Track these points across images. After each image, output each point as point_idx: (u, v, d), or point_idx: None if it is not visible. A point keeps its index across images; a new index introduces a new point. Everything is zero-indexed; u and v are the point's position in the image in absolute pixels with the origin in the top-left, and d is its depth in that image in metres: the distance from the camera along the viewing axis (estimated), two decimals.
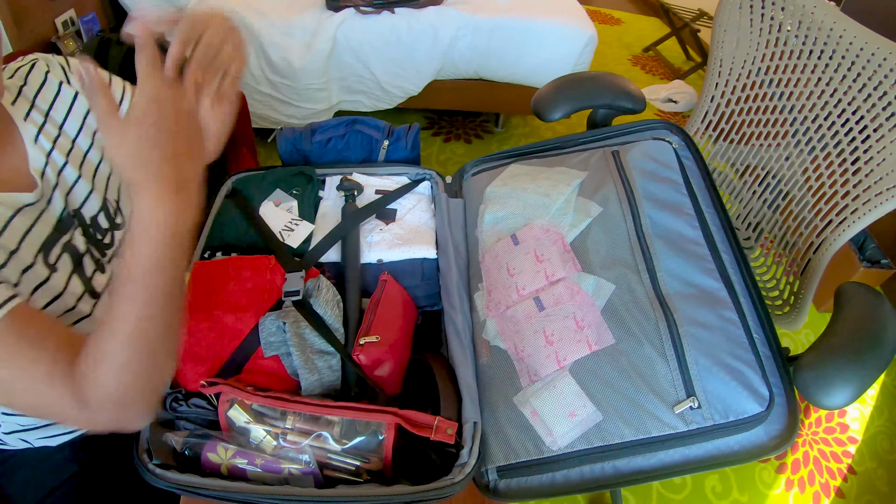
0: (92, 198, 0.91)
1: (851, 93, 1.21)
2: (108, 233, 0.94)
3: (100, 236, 0.92)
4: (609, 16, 5.20)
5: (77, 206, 0.88)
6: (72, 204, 0.87)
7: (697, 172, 1.19)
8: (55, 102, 0.89)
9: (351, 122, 1.44)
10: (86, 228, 0.89)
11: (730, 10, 1.45)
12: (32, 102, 0.86)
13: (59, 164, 0.86)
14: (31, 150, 0.83)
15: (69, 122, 0.90)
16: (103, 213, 0.93)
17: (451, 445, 0.91)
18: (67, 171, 0.87)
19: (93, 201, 0.91)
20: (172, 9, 2.68)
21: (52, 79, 0.90)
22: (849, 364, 0.93)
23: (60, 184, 0.85)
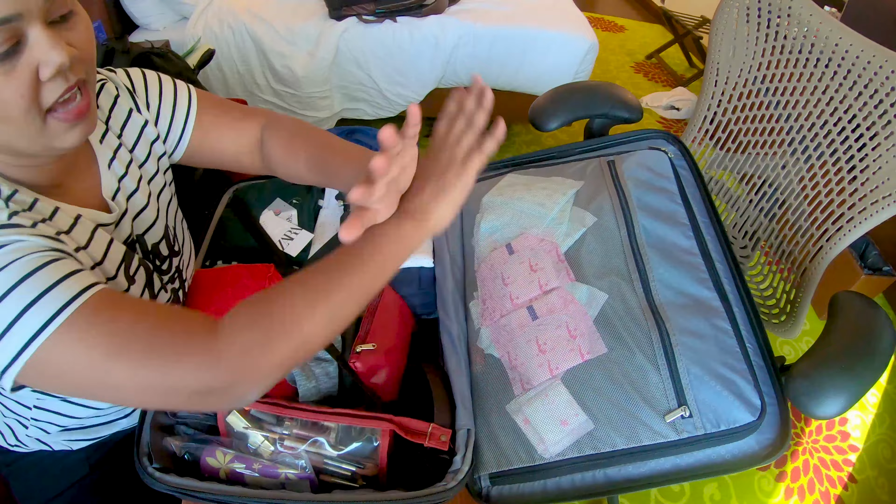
0: (156, 225, 0.91)
1: (848, 101, 1.21)
2: (167, 260, 0.94)
3: (159, 262, 0.92)
4: (612, 23, 5.21)
5: (141, 231, 0.88)
6: (136, 229, 0.87)
7: (693, 182, 1.20)
8: (125, 127, 0.87)
9: (350, 131, 1.46)
10: (146, 254, 0.89)
11: (726, 18, 1.45)
12: (106, 125, 0.85)
13: (130, 190, 0.86)
14: (105, 174, 0.83)
15: (139, 148, 0.89)
16: (164, 241, 0.93)
17: (445, 452, 0.92)
18: (137, 197, 0.87)
19: (157, 228, 0.91)
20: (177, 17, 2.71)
21: (121, 103, 0.87)
22: (841, 373, 0.93)
23: (129, 209, 0.86)
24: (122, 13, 2.68)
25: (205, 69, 2.53)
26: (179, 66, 1.81)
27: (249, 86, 2.74)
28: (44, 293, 0.58)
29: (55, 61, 0.61)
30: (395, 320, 1.09)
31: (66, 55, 0.62)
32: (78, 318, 0.59)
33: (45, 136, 0.66)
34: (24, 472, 0.99)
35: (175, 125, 0.92)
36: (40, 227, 0.65)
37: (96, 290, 0.62)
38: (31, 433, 0.92)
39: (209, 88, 2.31)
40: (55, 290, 0.59)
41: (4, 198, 0.65)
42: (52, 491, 1.00)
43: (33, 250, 0.61)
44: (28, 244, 0.61)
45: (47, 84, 0.63)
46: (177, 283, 0.96)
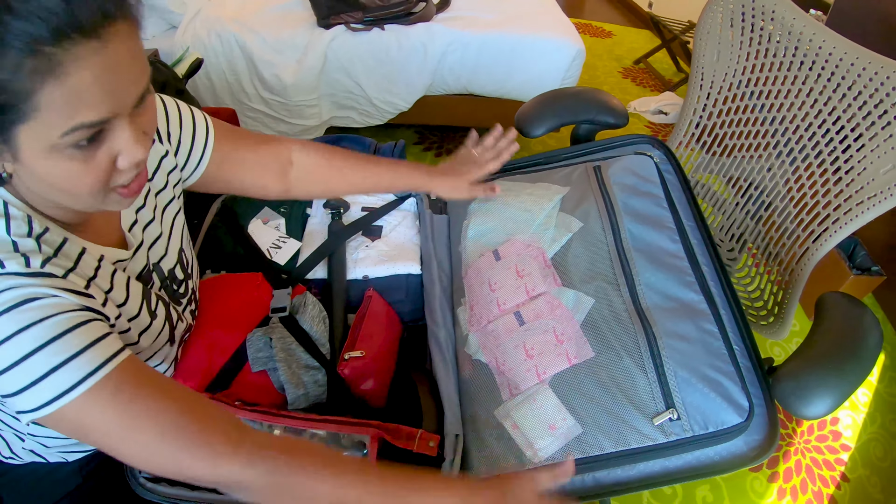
0: (170, 251, 0.92)
1: (832, 103, 1.22)
2: (183, 283, 0.96)
3: (175, 286, 0.93)
4: (600, 29, 5.23)
5: (156, 260, 0.89)
6: (152, 258, 0.88)
7: (678, 186, 1.21)
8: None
9: (337, 139, 1.46)
10: (163, 280, 0.90)
11: (711, 22, 1.46)
12: None
13: (147, 220, 0.87)
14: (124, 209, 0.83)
15: (157, 177, 0.90)
16: (178, 266, 0.94)
17: (434, 458, 0.92)
18: (153, 228, 0.88)
19: (171, 255, 0.92)
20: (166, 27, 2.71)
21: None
22: (828, 373, 0.93)
23: (145, 240, 0.86)
24: None
25: (193, 78, 2.53)
26: (167, 76, 1.81)
27: (238, 94, 2.73)
28: (73, 356, 0.62)
29: (137, 157, 0.64)
30: (383, 327, 1.09)
31: (146, 150, 0.65)
32: (102, 388, 0.63)
33: (102, 205, 0.68)
34: (16, 483, 0.99)
35: (194, 154, 0.94)
36: (71, 279, 0.68)
37: (121, 358, 0.66)
38: (27, 446, 0.92)
39: (198, 98, 2.31)
40: (84, 354, 0.62)
41: (36, 236, 0.67)
42: (45, 502, 0.99)
43: (66, 309, 0.63)
44: (61, 302, 0.64)
45: (121, 171, 0.65)
46: (193, 304, 0.99)
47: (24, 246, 0.65)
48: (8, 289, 0.61)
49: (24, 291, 0.61)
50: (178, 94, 1.82)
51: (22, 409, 0.62)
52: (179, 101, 0.93)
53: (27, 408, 0.62)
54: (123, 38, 0.59)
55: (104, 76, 0.57)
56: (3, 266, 0.62)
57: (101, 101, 0.58)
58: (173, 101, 0.93)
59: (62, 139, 0.58)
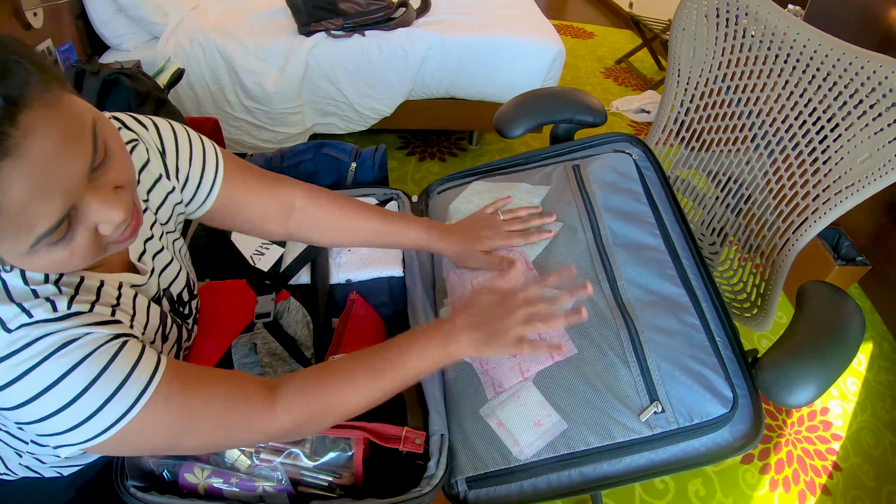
0: (179, 275, 0.92)
1: (808, 94, 1.24)
2: (188, 304, 0.96)
3: (182, 308, 0.93)
4: (581, 30, 5.26)
5: (167, 284, 0.89)
6: (162, 284, 0.88)
7: (658, 182, 1.22)
8: (152, 190, 0.85)
9: (318, 145, 1.46)
10: (172, 304, 0.90)
11: (686, 19, 1.47)
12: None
13: (156, 250, 0.86)
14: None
15: (163, 210, 0.88)
16: (186, 289, 0.95)
17: (420, 457, 0.92)
18: (163, 255, 0.88)
19: (180, 279, 0.93)
20: (148, 37, 2.71)
21: (151, 168, 0.84)
22: (810, 361, 0.94)
23: (156, 267, 0.86)
24: (92, 34, 2.67)
25: (176, 88, 2.53)
26: (149, 86, 1.81)
27: (221, 104, 2.73)
28: (124, 382, 0.64)
29: (118, 219, 0.62)
30: (367, 330, 1.09)
31: (123, 210, 0.62)
32: (156, 400, 0.67)
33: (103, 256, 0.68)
34: (10, 498, 0.98)
35: (200, 192, 0.91)
36: (97, 311, 0.68)
37: (163, 367, 0.69)
38: (24, 462, 0.92)
39: (181, 108, 2.31)
40: (133, 376, 0.65)
41: (53, 281, 0.67)
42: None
43: (103, 341, 0.64)
44: (96, 337, 0.64)
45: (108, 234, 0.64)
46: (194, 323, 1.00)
47: (44, 292, 0.65)
48: (43, 336, 0.61)
49: (59, 336, 0.62)
50: (159, 104, 1.82)
51: (73, 441, 0.64)
52: (192, 132, 0.91)
53: (81, 439, 0.64)
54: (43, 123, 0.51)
55: (37, 184, 0.52)
56: (31, 315, 0.61)
57: (48, 205, 0.54)
58: (185, 131, 0.90)
59: (33, 249, 0.57)
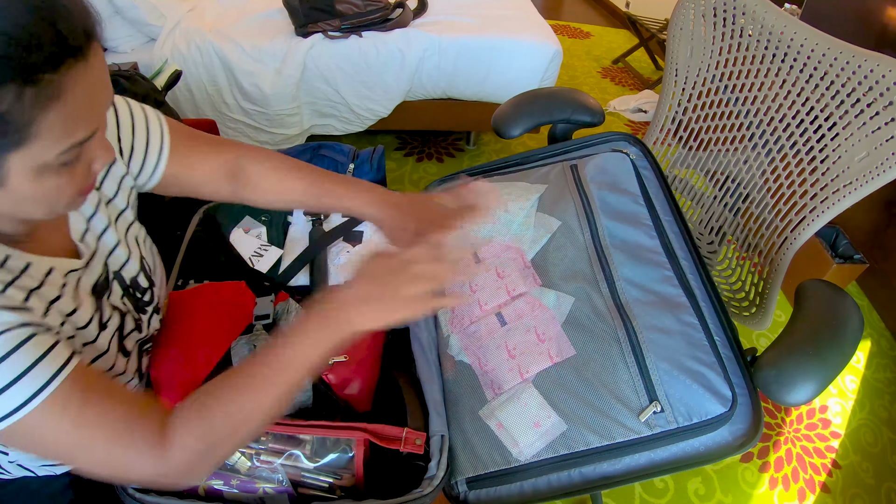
0: (132, 259, 0.91)
1: (805, 93, 1.24)
2: (147, 291, 0.94)
3: (139, 295, 0.92)
4: (578, 30, 5.26)
5: (117, 268, 0.88)
6: (112, 266, 0.87)
7: (655, 182, 1.22)
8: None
9: (316, 147, 1.46)
10: (126, 289, 0.89)
11: (683, 19, 1.48)
12: None
13: (100, 229, 0.85)
14: (73, 216, 0.82)
15: (107, 184, 0.88)
16: (142, 273, 0.93)
17: (420, 458, 0.92)
18: (108, 236, 0.86)
19: (132, 263, 0.91)
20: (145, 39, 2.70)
21: None
22: (809, 360, 0.94)
23: (100, 249, 0.85)
24: None
25: (174, 90, 2.52)
26: (147, 88, 1.81)
27: (218, 105, 2.73)
28: (23, 374, 0.62)
29: (106, 159, 0.67)
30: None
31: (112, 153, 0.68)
32: (54, 400, 0.64)
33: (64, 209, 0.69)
34: (11, 498, 0.98)
35: (147, 164, 0.92)
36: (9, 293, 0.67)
37: (70, 367, 0.66)
38: (12, 459, 0.92)
39: (178, 110, 2.30)
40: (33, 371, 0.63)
41: None
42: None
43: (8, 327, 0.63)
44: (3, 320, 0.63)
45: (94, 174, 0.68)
46: (159, 312, 0.98)
47: None
48: None
49: None
50: (157, 106, 1.81)
51: None
52: (132, 103, 0.91)
53: None
54: (98, 53, 0.60)
55: (93, 93, 0.60)
56: None
57: (90, 118, 0.61)
58: (125, 102, 0.91)
59: (56, 159, 0.59)
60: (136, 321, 0.89)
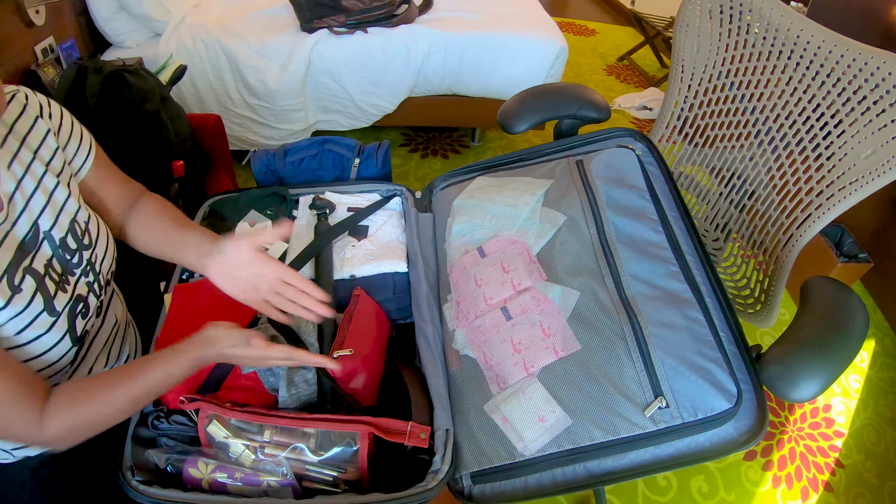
0: (61, 221, 0.91)
1: (812, 90, 1.24)
2: (77, 253, 0.94)
3: (69, 256, 0.92)
4: (583, 27, 5.26)
5: (47, 228, 0.89)
6: (41, 227, 0.88)
7: (661, 178, 1.21)
8: (31, 131, 0.90)
9: (322, 141, 1.46)
10: (55, 250, 0.90)
11: (689, 15, 1.47)
12: (10, 128, 0.87)
13: (29, 191, 0.87)
14: (3, 174, 0.84)
15: (42, 151, 0.91)
16: (71, 235, 0.93)
17: (425, 452, 0.92)
18: (37, 198, 0.88)
19: (62, 224, 0.91)
20: (150, 34, 2.71)
21: (29, 111, 0.90)
22: (814, 356, 0.94)
23: (28, 209, 0.86)
24: (95, 32, 2.67)
25: (178, 85, 2.52)
26: (152, 83, 1.81)
27: (223, 101, 2.73)
28: None
29: None
30: (371, 326, 1.09)
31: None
32: None
33: None
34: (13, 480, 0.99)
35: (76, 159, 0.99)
36: None
37: None
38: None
39: (183, 105, 2.30)
40: None
41: None
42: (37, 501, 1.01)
43: None
44: None
45: None
46: (90, 276, 0.97)
47: None
48: None
49: None
50: (162, 101, 1.81)
51: None
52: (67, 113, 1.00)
53: None
54: None
55: None
56: None
57: None
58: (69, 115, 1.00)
59: None
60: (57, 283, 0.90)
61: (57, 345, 0.87)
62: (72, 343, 0.89)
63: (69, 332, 0.89)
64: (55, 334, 0.87)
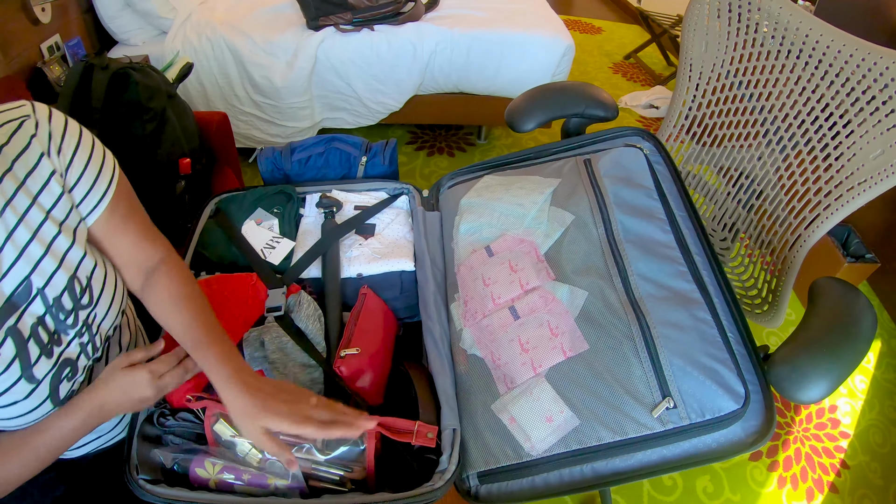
0: (56, 279, 0.81)
1: (820, 90, 1.23)
2: (73, 313, 0.84)
3: (63, 316, 0.82)
4: (589, 25, 5.25)
5: (40, 285, 0.79)
6: (34, 283, 0.78)
7: (669, 177, 1.21)
8: (33, 172, 0.77)
9: (329, 139, 1.46)
10: (47, 308, 0.80)
11: (697, 14, 1.47)
12: (10, 166, 0.75)
13: (23, 242, 0.76)
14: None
15: (42, 197, 0.79)
16: (68, 293, 0.82)
17: (432, 451, 0.92)
18: (32, 250, 0.77)
19: (56, 283, 0.81)
20: (156, 32, 2.71)
21: (35, 146, 0.78)
22: (822, 357, 0.93)
23: (20, 262, 0.76)
24: (101, 29, 2.67)
25: (185, 83, 2.52)
26: (158, 81, 1.81)
27: (229, 98, 2.73)
28: None
29: None
30: (378, 324, 1.09)
31: None
32: None
33: None
34: None
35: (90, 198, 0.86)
36: None
37: None
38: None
39: (190, 102, 2.30)
40: None
41: None
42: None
43: None
44: None
45: None
46: (85, 336, 0.87)
47: None
48: None
49: None
50: (168, 98, 1.81)
51: None
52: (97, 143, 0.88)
53: None
54: None
55: None
56: None
57: None
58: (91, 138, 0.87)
59: None
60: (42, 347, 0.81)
61: (34, 409, 0.81)
62: (53, 406, 0.83)
63: (50, 397, 0.82)
64: (33, 401, 0.80)
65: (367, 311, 1.09)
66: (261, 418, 0.81)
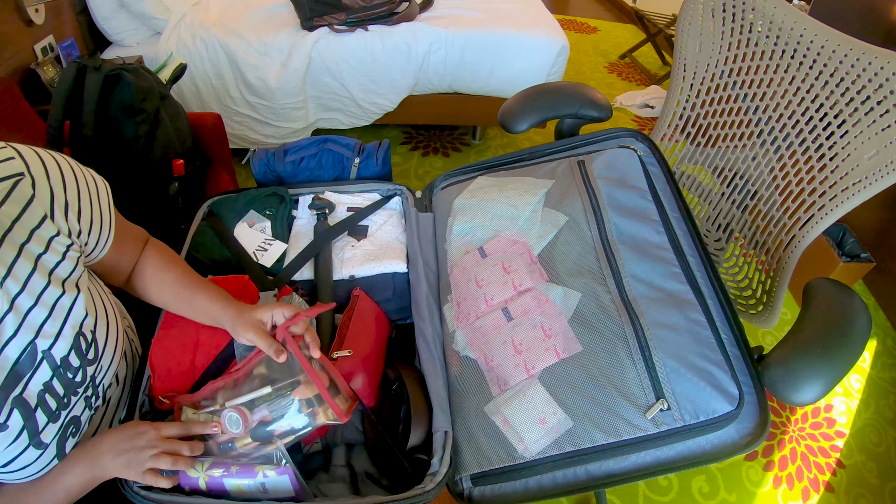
0: (64, 335, 0.79)
1: (815, 90, 1.23)
2: (80, 370, 0.83)
3: (71, 375, 0.81)
4: (585, 24, 5.25)
5: (46, 347, 0.77)
6: (39, 346, 0.76)
7: (663, 178, 1.21)
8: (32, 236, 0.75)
9: (322, 140, 1.46)
10: (56, 369, 0.78)
11: (692, 14, 1.47)
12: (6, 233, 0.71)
13: (25, 308, 0.74)
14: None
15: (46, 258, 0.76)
16: (75, 351, 0.81)
17: (423, 452, 0.92)
18: (35, 314, 0.75)
19: (64, 341, 0.79)
20: (150, 33, 2.70)
21: (35, 208, 0.75)
22: (816, 359, 0.93)
23: (23, 328, 0.74)
24: (94, 30, 2.66)
25: (179, 84, 2.51)
26: (151, 82, 1.80)
27: (224, 99, 2.73)
28: None
29: None
30: (371, 327, 1.09)
31: None
32: None
33: None
34: None
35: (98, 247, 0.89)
36: None
37: None
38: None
39: (183, 103, 2.29)
40: None
41: None
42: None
43: None
44: None
45: None
46: (90, 390, 0.86)
47: None
48: None
49: None
50: (162, 99, 1.81)
51: None
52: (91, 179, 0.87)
53: None
54: None
55: None
56: None
57: None
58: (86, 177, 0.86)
59: None
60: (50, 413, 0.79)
61: (41, 469, 0.81)
62: (58, 460, 0.83)
63: (57, 456, 0.82)
64: (41, 462, 0.80)
65: (359, 313, 1.09)
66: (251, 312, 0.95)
